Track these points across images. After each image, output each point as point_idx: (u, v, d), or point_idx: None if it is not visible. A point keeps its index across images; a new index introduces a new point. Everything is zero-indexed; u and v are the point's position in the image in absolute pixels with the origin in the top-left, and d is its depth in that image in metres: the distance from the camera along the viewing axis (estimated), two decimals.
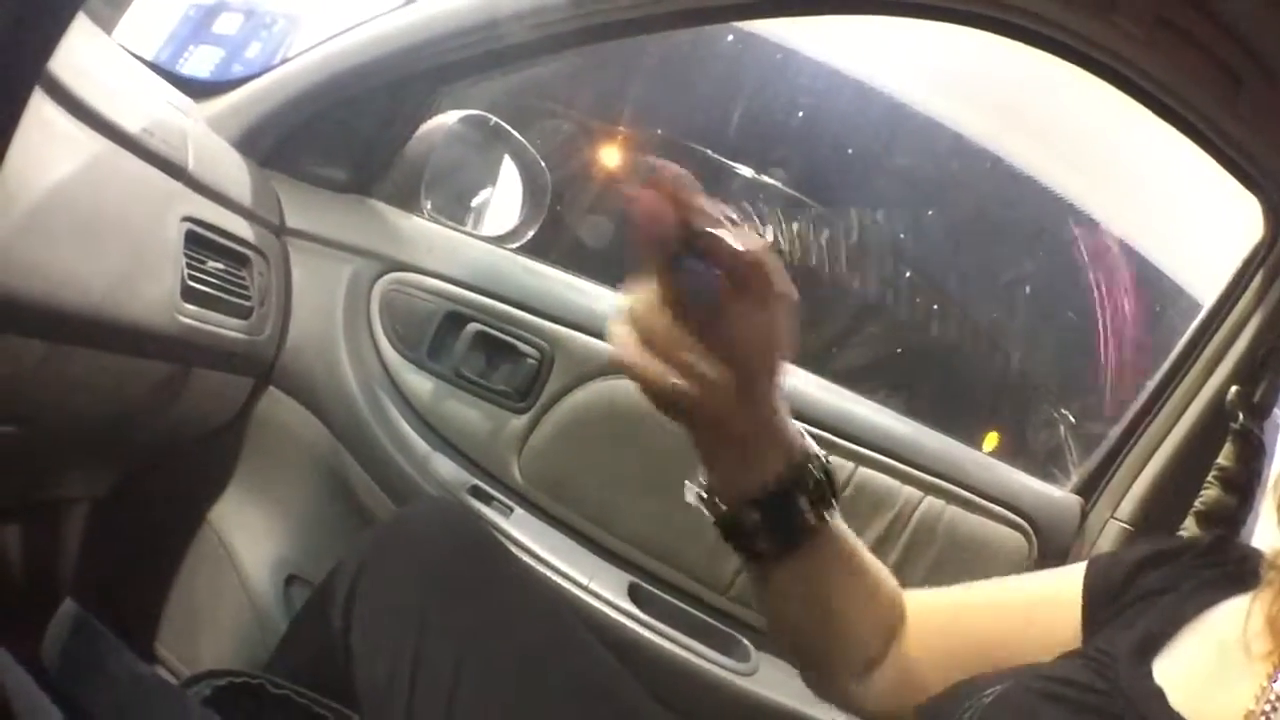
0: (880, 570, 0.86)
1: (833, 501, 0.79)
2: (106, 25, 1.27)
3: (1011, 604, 0.85)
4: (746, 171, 2.92)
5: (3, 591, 1.37)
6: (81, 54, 1.02)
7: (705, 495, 0.79)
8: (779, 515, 0.77)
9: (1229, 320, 1.38)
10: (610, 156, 3.08)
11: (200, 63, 3.58)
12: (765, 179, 2.89)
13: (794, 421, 0.77)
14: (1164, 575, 0.78)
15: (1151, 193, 2.54)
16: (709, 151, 2.93)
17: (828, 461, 0.78)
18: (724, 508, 0.77)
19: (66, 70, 0.94)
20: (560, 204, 2.46)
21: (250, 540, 1.42)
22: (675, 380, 0.68)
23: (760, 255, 0.67)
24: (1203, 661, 0.70)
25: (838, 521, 0.80)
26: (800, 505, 0.77)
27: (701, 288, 0.66)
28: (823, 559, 0.80)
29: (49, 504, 1.39)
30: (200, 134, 1.28)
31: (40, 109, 0.90)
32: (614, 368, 0.78)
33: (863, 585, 0.84)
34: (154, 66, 1.35)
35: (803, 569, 0.80)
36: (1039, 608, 0.82)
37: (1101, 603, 0.80)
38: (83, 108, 0.96)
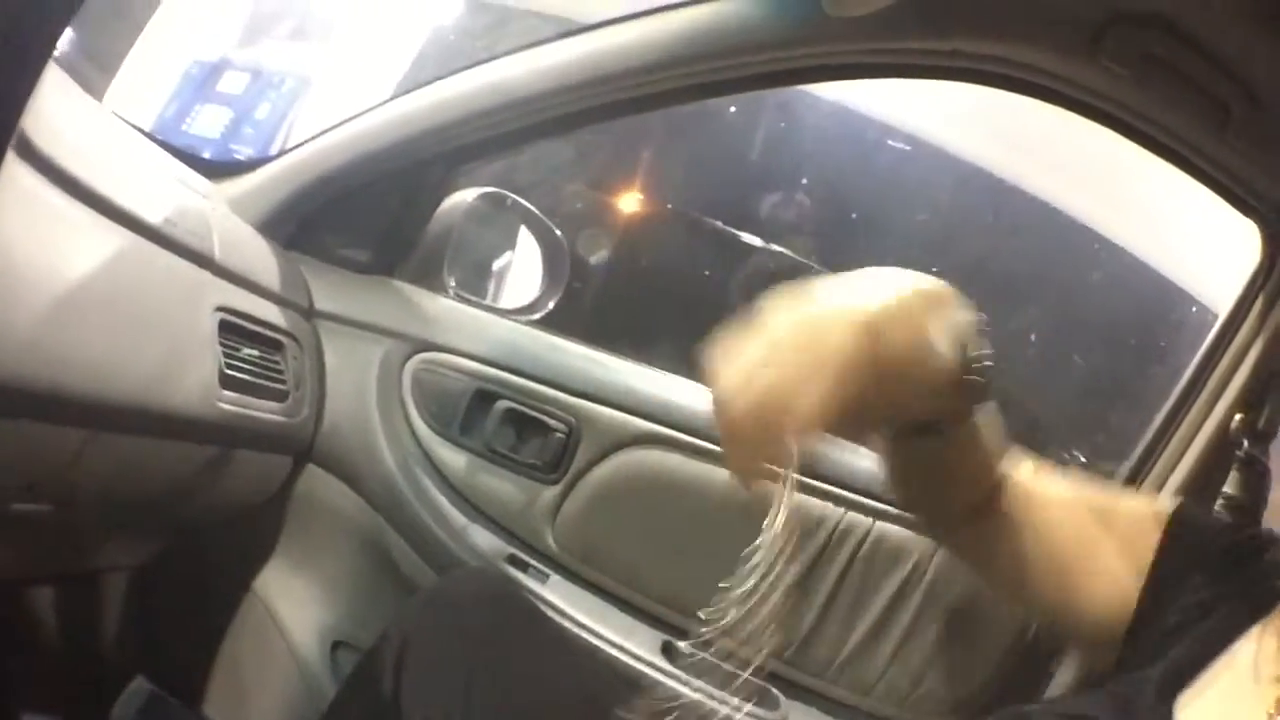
0: (993, 450, 0.93)
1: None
2: (96, 88, 1.27)
3: (1102, 514, 0.93)
4: (756, 241, 2.95)
5: (39, 657, 1.41)
6: (92, 141, 1.03)
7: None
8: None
9: (1232, 346, 1.38)
10: (621, 225, 3.11)
11: (208, 123, 3.59)
12: (774, 247, 2.91)
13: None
14: (1208, 594, 0.81)
15: (1169, 214, 2.54)
16: (719, 223, 2.96)
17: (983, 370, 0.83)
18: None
19: (79, 163, 0.94)
20: (579, 278, 2.49)
21: (296, 608, 1.45)
22: None
23: None
24: (1220, 696, 0.71)
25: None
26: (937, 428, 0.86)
27: None
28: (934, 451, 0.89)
29: (85, 574, 1.42)
30: (222, 219, 1.30)
31: (56, 203, 0.91)
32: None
33: (971, 470, 0.93)
34: (166, 145, 1.37)
35: (916, 456, 0.91)
36: (1124, 529, 0.90)
37: (1173, 568, 0.85)
38: (101, 200, 0.97)
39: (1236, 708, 0.69)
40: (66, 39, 0.72)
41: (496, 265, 1.70)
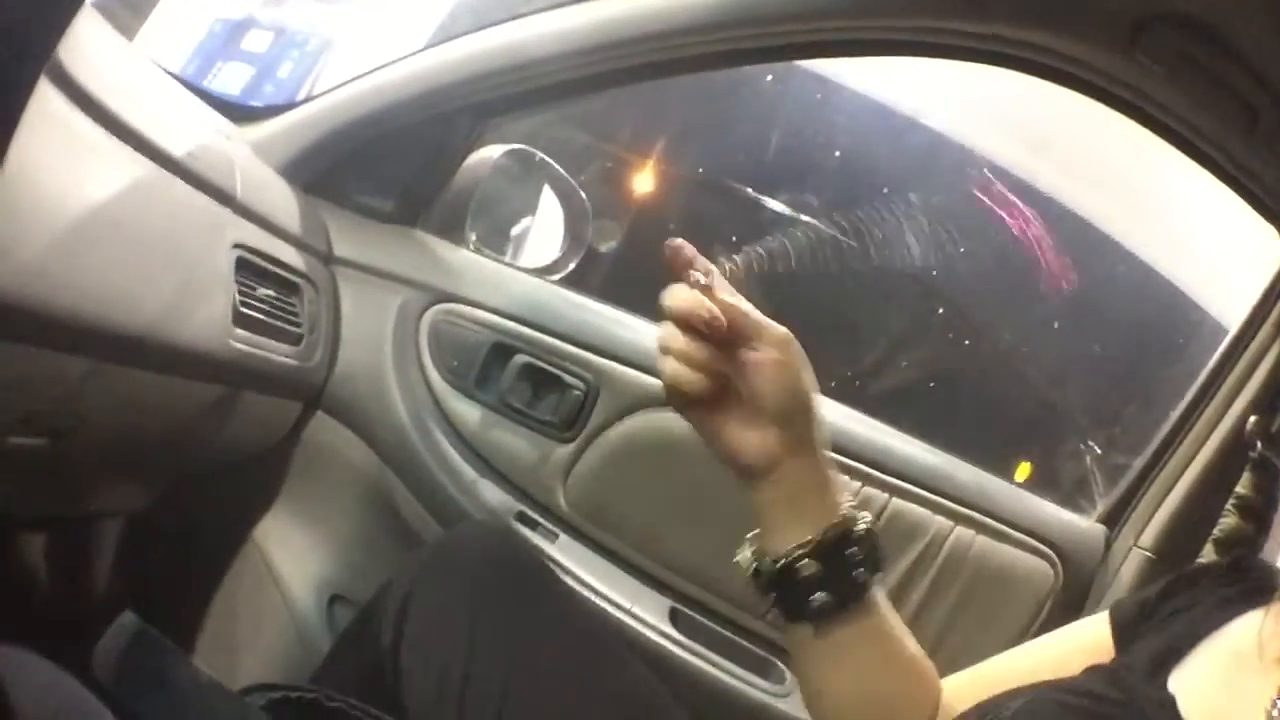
0: (920, 651, 0.87)
1: (880, 562, 0.81)
2: (127, 32, 1.27)
3: (1046, 659, 0.85)
4: (781, 208, 2.95)
5: (31, 600, 1.39)
6: (121, 73, 1.03)
7: (759, 555, 0.82)
8: (834, 567, 0.79)
9: (1250, 349, 1.40)
10: (649, 190, 3.11)
11: (230, 80, 3.58)
12: (801, 216, 2.92)
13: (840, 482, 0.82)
14: (1187, 596, 0.81)
15: (1185, 218, 2.56)
16: (748, 190, 2.96)
17: (874, 522, 0.81)
18: (780, 564, 0.80)
19: (107, 89, 0.94)
20: (601, 237, 2.50)
21: (294, 559, 1.44)
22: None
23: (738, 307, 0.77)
24: (1218, 671, 0.72)
25: (881, 592, 0.82)
26: (853, 558, 0.79)
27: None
28: (871, 624, 0.82)
29: (81, 516, 1.40)
30: (246, 159, 1.29)
31: (81, 126, 0.91)
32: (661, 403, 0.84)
33: (905, 659, 0.85)
34: (195, 88, 1.36)
35: (852, 632, 0.81)
36: (1073, 654, 0.83)
37: (1132, 624, 0.82)
38: (126, 128, 0.97)
39: (1240, 689, 0.70)
40: None
41: (516, 230, 1.69)
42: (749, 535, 0.84)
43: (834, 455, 1.36)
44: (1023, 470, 2.96)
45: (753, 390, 0.78)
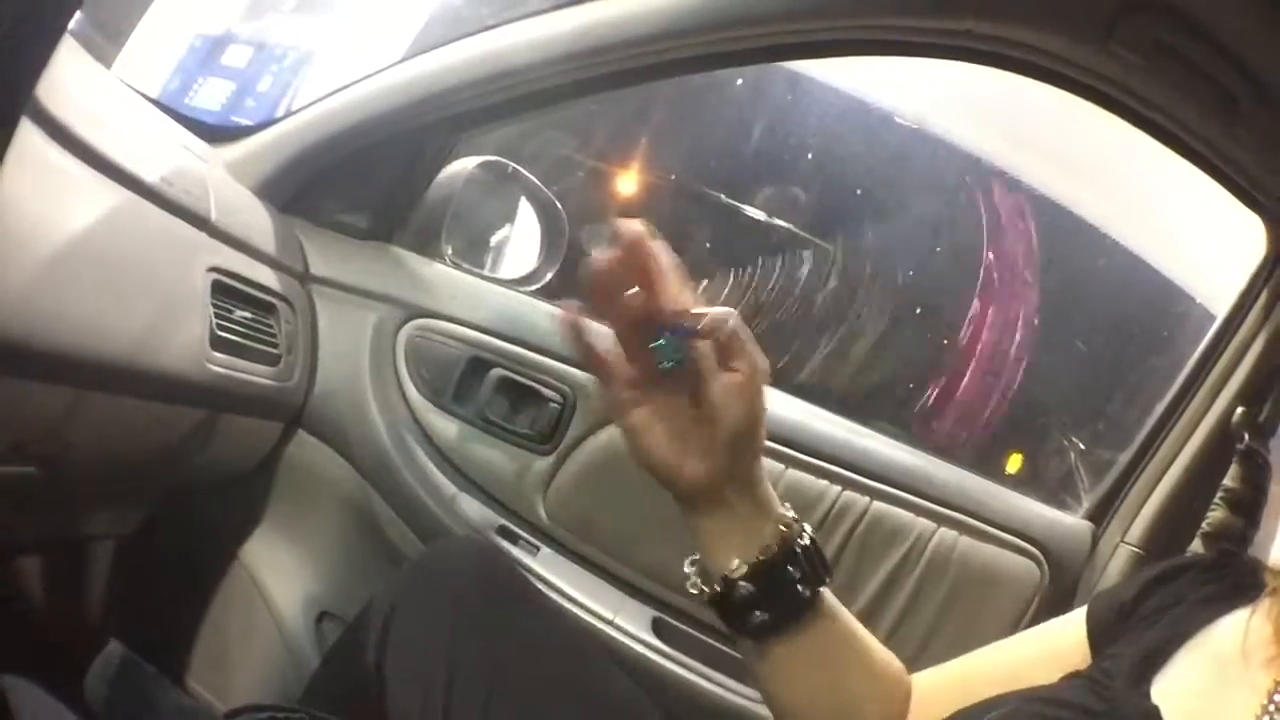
0: (881, 649, 0.87)
1: (824, 575, 0.81)
2: (105, 57, 1.27)
3: (1019, 660, 0.85)
4: (758, 215, 2.94)
5: (26, 625, 1.40)
6: (93, 100, 1.03)
7: (701, 575, 0.83)
8: (772, 587, 0.79)
9: (1235, 340, 1.39)
10: (625, 198, 3.11)
11: (210, 95, 3.62)
12: (776, 221, 2.91)
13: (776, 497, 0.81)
14: (1169, 593, 0.80)
15: (1172, 205, 2.54)
16: (722, 196, 2.96)
17: (813, 535, 0.81)
18: (719, 586, 0.80)
19: (79, 119, 0.94)
20: (593, 239, 2.50)
21: (282, 578, 1.44)
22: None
23: (735, 324, 0.74)
24: (1202, 677, 0.71)
25: (832, 598, 0.82)
26: (792, 576, 0.79)
27: (674, 358, 0.74)
28: (819, 634, 0.82)
29: (72, 540, 1.41)
30: (220, 182, 1.29)
31: (55, 158, 0.91)
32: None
33: (863, 661, 0.85)
34: (168, 109, 1.37)
35: (800, 644, 0.81)
36: (1047, 657, 0.82)
37: (1107, 628, 0.81)
38: (99, 158, 0.98)
39: (1226, 695, 0.68)
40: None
41: (495, 239, 1.69)
42: (690, 559, 0.85)
43: (809, 459, 1.37)
44: (1014, 462, 2.96)
45: (718, 411, 0.76)
